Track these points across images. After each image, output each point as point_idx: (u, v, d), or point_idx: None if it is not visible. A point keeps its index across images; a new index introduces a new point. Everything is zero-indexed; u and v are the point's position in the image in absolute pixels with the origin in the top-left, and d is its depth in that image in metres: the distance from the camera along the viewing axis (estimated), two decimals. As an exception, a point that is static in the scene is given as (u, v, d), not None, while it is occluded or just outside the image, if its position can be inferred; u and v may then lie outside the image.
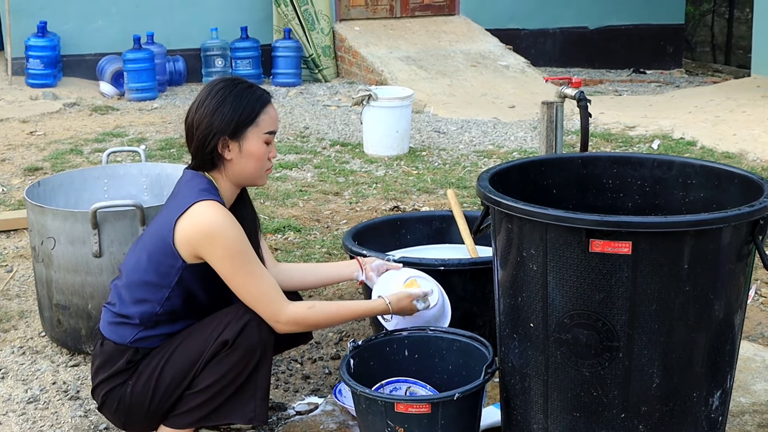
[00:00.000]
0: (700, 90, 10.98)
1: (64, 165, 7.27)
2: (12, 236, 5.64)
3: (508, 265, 2.79)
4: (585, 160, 3.27)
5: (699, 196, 3.08)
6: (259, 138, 3.12)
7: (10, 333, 4.31)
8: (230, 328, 3.06)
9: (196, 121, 3.12)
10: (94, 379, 3.21)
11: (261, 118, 3.13)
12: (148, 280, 3.10)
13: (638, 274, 2.54)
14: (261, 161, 3.15)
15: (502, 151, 7.90)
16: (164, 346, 3.12)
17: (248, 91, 3.14)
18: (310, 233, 5.67)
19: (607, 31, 13.40)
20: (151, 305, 3.10)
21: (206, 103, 3.11)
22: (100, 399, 3.20)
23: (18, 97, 10.11)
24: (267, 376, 3.14)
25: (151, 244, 3.12)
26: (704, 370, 2.68)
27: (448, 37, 12.03)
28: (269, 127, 3.15)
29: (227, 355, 3.05)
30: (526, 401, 2.84)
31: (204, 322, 3.12)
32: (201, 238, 3.01)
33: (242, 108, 3.10)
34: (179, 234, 3.04)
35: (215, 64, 11.28)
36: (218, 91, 3.12)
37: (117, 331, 3.15)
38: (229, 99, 3.10)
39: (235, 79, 3.21)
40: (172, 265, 3.07)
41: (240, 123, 3.09)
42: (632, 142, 8.14)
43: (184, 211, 3.04)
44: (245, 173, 3.16)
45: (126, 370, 3.13)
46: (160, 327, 3.12)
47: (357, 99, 7.74)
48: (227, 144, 3.10)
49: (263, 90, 3.20)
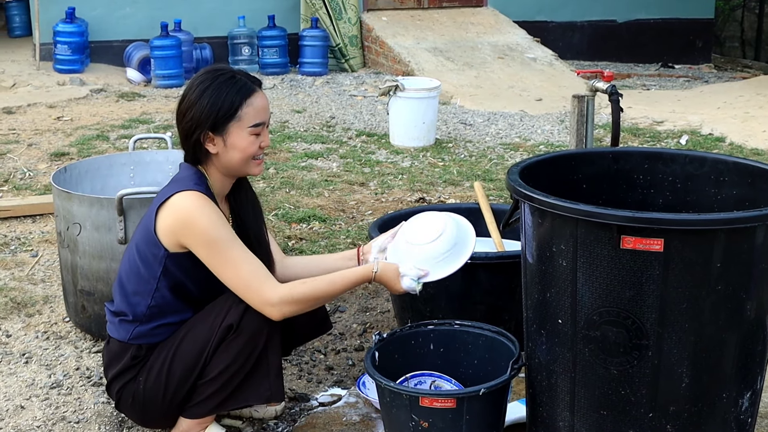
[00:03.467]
0: (729, 85, 10.89)
1: (91, 151, 7.28)
2: (38, 221, 5.65)
3: (537, 260, 2.76)
4: (616, 154, 3.23)
5: (731, 193, 3.04)
6: (242, 131, 3.05)
7: (34, 318, 4.31)
8: (232, 312, 3.03)
9: (179, 114, 3.10)
10: (107, 377, 3.21)
11: (243, 111, 3.04)
12: (137, 272, 3.10)
13: (669, 272, 2.51)
14: (247, 153, 3.08)
15: (529, 144, 7.86)
16: (170, 339, 3.11)
17: (228, 83, 3.05)
18: (335, 223, 5.65)
19: (635, 24, 13.32)
20: (142, 298, 3.09)
21: (187, 97, 3.07)
22: (115, 396, 3.20)
23: (45, 83, 10.14)
24: (277, 354, 3.12)
25: (139, 236, 3.13)
26: (734, 370, 2.65)
27: (476, 29, 11.97)
28: (254, 119, 3.06)
29: (234, 340, 3.03)
30: (552, 398, 2.81)
31: (206, 310, 3.10)
32: (179, 226, 2.99)
33: (221, 102, 3.02)
34: (160, 223, 3.03)
35: (242, 53, 11.27)
36: (200, 83, 3.06)
37: (117, 329, 3.16)
38: (208, 93, 3.03)
39: (217, 69, 3.12)
40: (156, 255, 3.05)
41: (219, 118, 3.02)
42: (660, 137, 8.08)
43: (164, 201, 3.04)
44: (233, 165, 3.11)
45: (133, 366, 3.13)
46: (154, 320, 3.10)
47: (384, 89, 7.71)
48: (210, 138, 3.05)
49: (248, 79, 3.10)
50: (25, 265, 4.95)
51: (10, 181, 6.50)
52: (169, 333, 3.12)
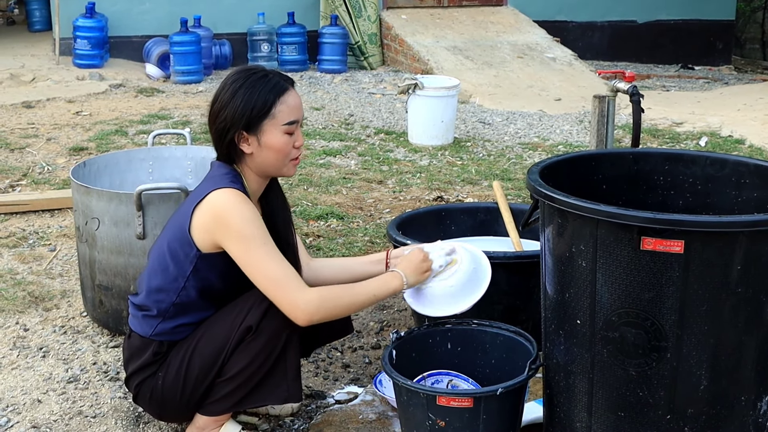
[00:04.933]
0: (749, 87, 10.84)
1: (109, 146, 7.30)
2: (56, 215, 5.67)
3: (557, 260, 2.75)
4: (636, 155, 3.22)
5: (752, 195, 3.02)
6: (277, 130, 3.04)
7: (52, 312, 4.33)
8: (253, 313, 3.02)
9: (212, 115, 3.08)
10: (126, 371, 3.22)
11: (277, 109, 3.03)
12: (166, 268, 3.09)
13: (689, 274, 2.49)
14: (283, 153, 3.07)
15: (548, 144, 7.84)
16: (190, 336, 3.11)
17: (262, 81, 3.04)
18: (353, 221, 5.65)
19: (656, 25, 13.27)
20: (167, 294, 3.09)
21: (220, 97, 3.06)
22: (134, 389, 3.20)
23: (65, 77, 10.17)
24: (296, 355, 3.11)
25: (171, 233, 3.11)
26: (753, 373, 2.63)
27: (495, 28, 11.95)
28: (288, 117, 3.05)
29: (253, 341, 3.03)
30: (569, 399, 2.80)
31: (227, 309, 3.10)
32: (214, 222, 2.98)
33: (254, 100, 3.01)
34: (195, 221, 3.02)
35: (261, 49, 11.27)
36: (233, 82, 3.05)
37: (140, 323, 3.15)
38: (241, 91, 3.02)
39: (250, 68, 3.11)
40: (187, 254, 3.04)
41: (253, 116, 3.01)
42: (679, 138, 8.05)
43: (201, 199, 3.02)
44: (268, 165, 3.10)
45: (154, 362, 3.13)
46: (179, 318, 3.10)
47: (403, 87, 7.71)
48: (245, 137, 3.04)
49: (280, 78, 3.09)
50: (43, 260, 4.96)
51: (28, 175, 6.52)
52: (190, 332, 3.12)
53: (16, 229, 5.44)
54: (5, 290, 4.52)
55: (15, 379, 3.71)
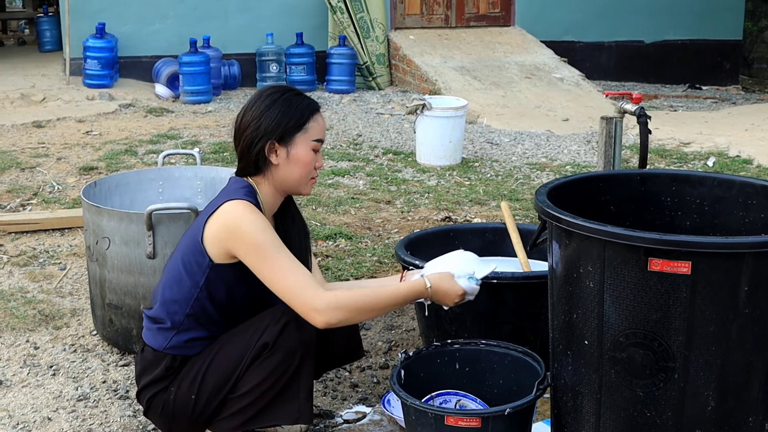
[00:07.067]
0: (757, 107, 10.84)
1: (119, 165, 7.34)
2: (66, 234, 5.70)
3: (564, 281, 2.76)
4: (644, 176, 3.23)
5: (759, 216, 3.04)
6: (306, 144, 3.14)
7: (62, 330, 4.35)
8: (269, 331, 3.05)
9: (244, 123, 3.15)
10: (138, 384, 3.24)
11: (310, 125, 3.16)
12: (180, 279, 3.13)
13: (697, 295, 2.51)
14: (307, 168, 3.16)
15: (555, 164, 7.85)
16: (204, 351, 3.14)
17: (298, 98, 3.19)
18: (362, 241, 5.67)
19: (663, 45, 13.29)
20: (181, 306, 3.12)
21: (256, 106, 3.15)
22: (145, 403, 3.22)
23: (75, 97, 10.22)
24: (309, 376, 3.13)
25: (185, 246, 3.16)
26: (761, 394, 2.64)
27: (503, 48, 11.98)
28: (317, 134, 3.18)
29: (268, 358, 3.05)
30: (577, 419, 2.81)
31: (243, 325, 3.13)
32: (226, 233, 3.03)
33: (291, 113, 3.13)
34: (207, 231, 3.07)
35: (270, 70, 11.31)
36: (269, 95, 3.17)
37: (154, 337, 3.18)
38: (279, 103, 3.13)
39: (287, 86, 3.26)
40: (200, 263, 3.08)
41: (288, 128, 3.12)
42: (687, 158, 8.06)
43: (214, 210, 3.08)
44: (290, 180, 3.16)
45: (166, 376, 3.15)
46: (192, 331, 3.13)
47: (411, 108, 7.73)
48: (275, 148, 3.12)
49: (312, 99, 3.24)
50: (53, 278, 4.99)
51: (39, 194, 6.56)
52: (202, 347, 3.14)
53: (26, 247, 5.47)
54: (16, 308, 4.55)
55: (25, 397, 3.73)
